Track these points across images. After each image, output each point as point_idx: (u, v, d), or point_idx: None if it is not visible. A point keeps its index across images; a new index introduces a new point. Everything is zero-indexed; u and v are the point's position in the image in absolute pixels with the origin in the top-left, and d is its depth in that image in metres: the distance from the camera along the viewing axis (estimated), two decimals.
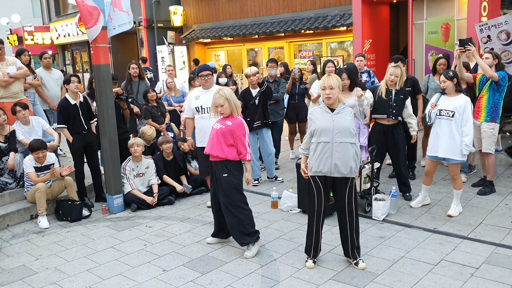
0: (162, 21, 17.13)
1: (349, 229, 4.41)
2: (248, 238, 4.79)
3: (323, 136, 4.27)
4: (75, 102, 6.44)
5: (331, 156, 4.24)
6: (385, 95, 6.03)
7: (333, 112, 4.30)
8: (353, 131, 4.27)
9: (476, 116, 6.33)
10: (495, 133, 6.25)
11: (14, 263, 4.90)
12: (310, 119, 4.45)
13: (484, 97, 6.26)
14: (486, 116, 6.25)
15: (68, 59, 23.88)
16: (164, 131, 8.04)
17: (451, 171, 5.59)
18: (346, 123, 4.25)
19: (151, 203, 6.42)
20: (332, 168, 4.26)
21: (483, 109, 6.28)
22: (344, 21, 12.16)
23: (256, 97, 6.98)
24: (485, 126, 6.26)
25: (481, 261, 4.42)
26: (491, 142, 6.24)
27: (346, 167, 4.24)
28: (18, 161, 6.36)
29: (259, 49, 15.35)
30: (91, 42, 6.18)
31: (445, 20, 10.03)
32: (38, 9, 25.94)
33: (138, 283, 4.34)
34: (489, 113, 6.23)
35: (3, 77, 6.65)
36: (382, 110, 6.09)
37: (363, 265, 4.40)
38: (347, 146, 4.23)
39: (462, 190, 5.66)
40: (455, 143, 5.39)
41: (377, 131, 6.21)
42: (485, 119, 6.26)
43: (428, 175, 5.80)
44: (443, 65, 7.12)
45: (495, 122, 6.23)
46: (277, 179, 7.33)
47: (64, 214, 6.13)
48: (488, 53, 6.33)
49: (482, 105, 6.29)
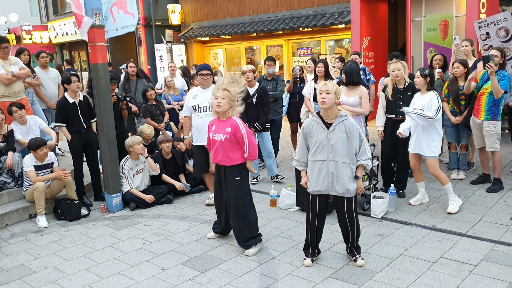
0: (160, 20, 17.09)
1: (350, 231, 4.42)
2: (253, 240, 4.83)
3: (318, 154, 4.22)
4: (73, 100, 6.43)
5: (327, 175, 4.21)
6: (392, 96, 6.04)
7: (328, 129, 4.19)
8: (350, 149, 4.17)
9: (476, 114, 6.32)
10: (498, 131, 6.20)
11: (13, 263, 4.90)
12: (305, 132, 4.32)
13: (484, 95, 6.21)
14: (487, 114, 6.21)
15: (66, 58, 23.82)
16: (163, 130, 8.03)
17: (429, 167, 5.64)
18: (341, 142, 4.15)
19: (149, 201, 6.41)
20: (329, 186, 4.24)
21: (483, 107, 6.24)
22: (342, 18, 12.13)
23: (254, 95, 6.96)
24: (486, 124, 6.22)
25: (479, 258, 4.42)
26: (494, 140, 6.21)
27: (343, 187, 4.21)
28: (17, 161, 6.35)
29: (258, 47, 15.33)
30: (88, 41, 6.17)
31: (444, 17, 10.02)
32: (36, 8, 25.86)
33: (137, 281, 4.33)
34: (490, 111, 6.19)
35: (7, 75, 6.66)
36: (391, 110, 6.11)
37: (362, 262, 4.40)
38: (341, 165, 4.17)
39: (461, 188, 5.67)
40: (423, 139, 5.55)
41: (387, 127, 6.23)
42: (486, 118, 6.22)
43: (414, 170, 5.90)
44: (438, 61, 7.12)
45: (496, 120, 6.19)
46: (278, 177, 7.30)
47: (63, 213, 6.12)
48: (497, 51, 6.27)
49: (482, 103, 6.24)
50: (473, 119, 6.41)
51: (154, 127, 7.76)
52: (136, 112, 8.05)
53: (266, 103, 6.99)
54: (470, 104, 6.53)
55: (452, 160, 7.02)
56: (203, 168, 6.33)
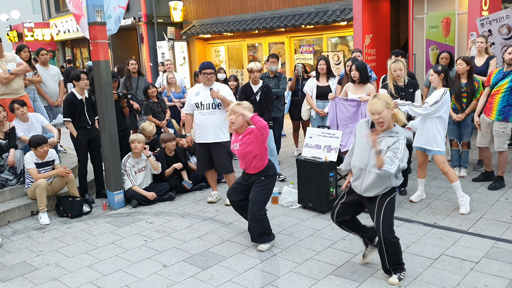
0: (162, 17, 17.10)
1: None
2: (266, 237, 4.86)
3: (357, 161, 4.04)
4: (81, 97, 6.45)
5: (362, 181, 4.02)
6: (395, 92, 6.02)
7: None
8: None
9: (487, 113, 6.22)
10: (508, 132, 6.13)
11: (15, 259, 4.91)
12: (355, 134, 4.14)
13: (498, 94, 6.06)
14: (498, 114, 6.09)
15: (68, 55, 23.85)
16: (165, 127, 8.03)
17: (438, 164, 5.63)
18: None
19: (151, 198, 6.42)
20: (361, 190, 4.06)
21: (495, 106, 6.11)
22: (344, 16, 12.11)
23: (257, 93, 6.94)
24: (496, 125, 6.13)
25: (481, 255, 4.42)
26: (503, 141, 6.15)
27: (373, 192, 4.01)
28: (19, 158, 6.36)
29: (260, 44, 15.32)
30: (90, 39, 6.17)
31: (446, 15, 9.99)
32: (38, 5, 25.89)
33: (139, 278, 4.35)
34: (502, 111, 6.06)
35: (4, 74, 6.65)
36: None
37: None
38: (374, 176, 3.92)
39: (463, 185, 5.67)
40: (428, 135, 5.51)
41: None
42: (497, 118, 6.10)
43: (421, 167, 5.87)
44: (445, 59, 7.08)
45: (507, 121, 6.08)
46: (280, 176, 7.29)
47: (64, 210, 6.13)
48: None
49: (495, 103, 6.10)
50: (484, 117, 6.29)
51: (156, 124, 7.76)
52: (138, 109, 8.05)
53: (270, 100, 6.99)
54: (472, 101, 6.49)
55: (454, 157, 7.00)
56: (206, 166, 6.34)
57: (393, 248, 3.97)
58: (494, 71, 6.26)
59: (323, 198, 5.68)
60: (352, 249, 4.69)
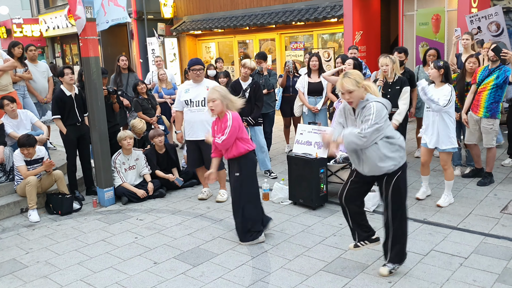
0: (152, 13, 17.00)
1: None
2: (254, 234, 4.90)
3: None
4: (70, 93, 6.40)
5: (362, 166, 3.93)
6: (383, 89, 6.03)
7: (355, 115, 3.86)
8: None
9: (474, 110, 6.24)
10: (496, 129, 6.16)
11: (4, 257, 4.88)
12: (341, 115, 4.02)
13: (485, 92, 6.08)
14: (486, 111, 6.11)
15: (57, 51, 23.65)
16: (155, 124, 8.00)
17: (441, 160, 5.65)
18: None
19: (141, 196, 6.40)
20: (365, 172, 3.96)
21: (482, 104, 6.12)
22: (335, 12, 12.13)
23: (247, 89, 6.94)
24: (484, 122, 6.15)
25: (470, 251, 4.46)
26: (492, 137, 6.18)
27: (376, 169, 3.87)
28: (8, 155, 6.31)
29: (250, 41, 15.29)
30: (80, 34, 6.12)
31: (436, 12, 10.05)
32: (27, 1, 25.62)
33: (129, 275, 4.33)
34: (489, 108, 6.09)
35: None
36: None
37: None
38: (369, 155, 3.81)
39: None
40: (441, 133, 5.47)
41: None
42: (484, 115, 6.12)
43: (424, 165, 5.85)
44: (432, 56, 7.13)
45: (494, 118, 6.12)
46: (271, 174, 7.29)
47: (54, 207, 6.10)
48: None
49: (482, 100, 6.12)
50: (471, 114, 6.31)
51: (146, 121, 7.73)
52: (128, 106, 8.01)
53: (260, 97, 6.98)
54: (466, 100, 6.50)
55: (456, 156, 6.98)
56: (196, 163, 6.33)
57: (397, 235, 3.98)
58: (479, 68, 6.27)
59: (314, 195, 5.70)
60: (343, 245, 4.71)
